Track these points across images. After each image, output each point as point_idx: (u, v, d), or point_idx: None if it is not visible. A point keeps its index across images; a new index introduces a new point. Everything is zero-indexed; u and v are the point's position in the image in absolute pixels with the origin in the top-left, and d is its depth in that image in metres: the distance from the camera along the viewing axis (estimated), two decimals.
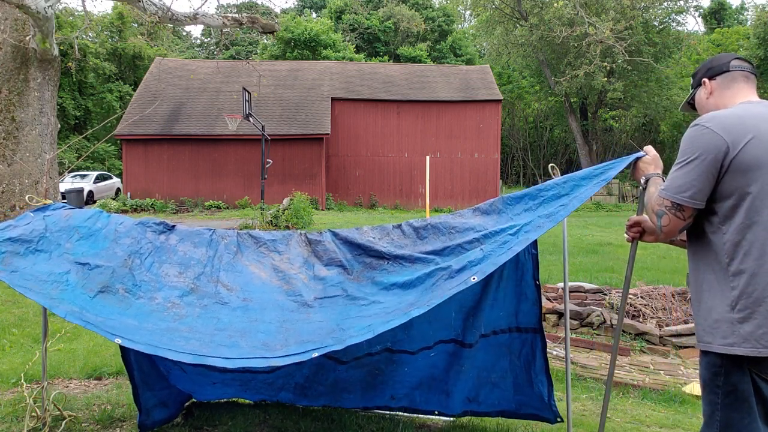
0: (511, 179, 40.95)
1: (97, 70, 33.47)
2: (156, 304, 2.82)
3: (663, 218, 2.00)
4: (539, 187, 2.74)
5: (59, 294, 2.67)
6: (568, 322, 3.16)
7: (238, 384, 3.69)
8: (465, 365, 3.40)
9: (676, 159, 2.01)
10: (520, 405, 3.34)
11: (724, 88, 2.14)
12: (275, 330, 2.73)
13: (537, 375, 3.14)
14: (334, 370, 3.53)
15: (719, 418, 1.95)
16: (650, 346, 5.29)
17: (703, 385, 2.02)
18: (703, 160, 1.92)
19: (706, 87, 2.18)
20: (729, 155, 1.90)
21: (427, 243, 2.99)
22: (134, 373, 3.33)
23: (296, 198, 16.12)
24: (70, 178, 23.52)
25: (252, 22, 13.43)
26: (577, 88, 31.14)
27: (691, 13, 51.73)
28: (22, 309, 6.44)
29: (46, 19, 9.73)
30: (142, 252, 3.02)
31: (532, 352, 3.16)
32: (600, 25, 26.96)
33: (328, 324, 2.72)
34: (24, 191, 9.68)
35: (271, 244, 3.23)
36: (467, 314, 3.31)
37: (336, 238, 3.16)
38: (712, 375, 1.96)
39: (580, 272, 8.80)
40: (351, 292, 2.94)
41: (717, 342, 1.93)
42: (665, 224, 2.01)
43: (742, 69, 2.13)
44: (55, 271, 2.78)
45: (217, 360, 2.43)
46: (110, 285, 2.81)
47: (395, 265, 2.95)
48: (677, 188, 1.96)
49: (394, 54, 42.49)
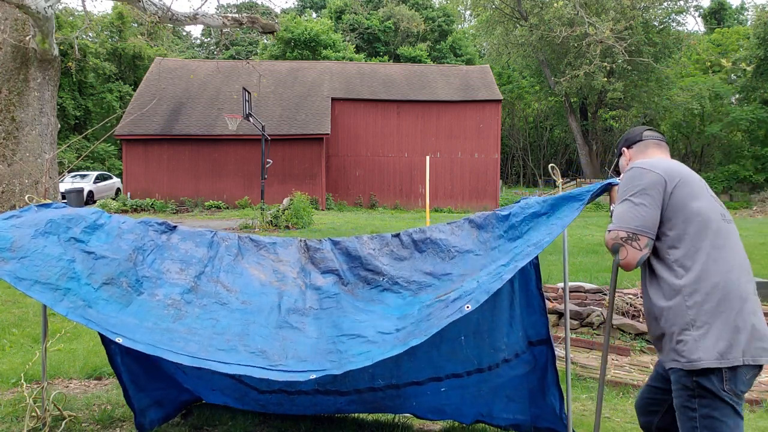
0: (511, 179, 40.95)
1: (97, 70, 33.47)
2: (156, 301, 2.82)
3: (621, 251, 2.13)
4: (522, 205, 2.84)
5: (64, 283, 2.66)
6: (568, 322, 3.15)
7: (235, 398, 3.64)
8: (483, 389, 3.27)
9: (619, 196, 2.21)
10: (536, 418, 3.25)
11: (640, 153, 2.43)
12: (272, 336, 2.75)
13: (549, 387, 3.07)
14: (334, 403, 3.46)
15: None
16: (650, 346, 5.29)
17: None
18: (649, 195, 2.12)
19: (625, 155, 2.49)
20: (667, 189, 2.12)
21: (425, 259, 3.04)
22: (122, 375, 3.34)
23: (296, 198, 16.12)
24: (70, 178, 23.51)
25: (252, 22, 13.43)
26: (577, 88, 31.16)
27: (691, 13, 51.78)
28: (22, 309, 6.44)
29: (46, 19, 9.73)
30: (145, 248, 3.03)
31: (545, 365, 3.08)
32: (600, 25, 26.96)
33: (324, 342, 2.74)
34: (24, 191, 9.68)
35: (271, 248, 3.24)
36: (482, 337, 3.16)
37: (335, 247, 3.21)
38: None
39: (580, 272, 8.79)
40: (346, 306, 2.97)
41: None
42: (623, 257, 2.13)
43: (654, 138, 2.44)
44: (63, 257, 2.77)
45: (215, 364, 2.43)
46: (115, 278, 2.82)
47: (392, 284, 3.01)
48: (628, 220, 2.12)
49: (394, 54, 42.49)
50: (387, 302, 2.93)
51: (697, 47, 36.98)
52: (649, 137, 2.43)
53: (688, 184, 2.15)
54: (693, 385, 2.03)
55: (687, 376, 2.04)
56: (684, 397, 2.07)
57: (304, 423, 3.54)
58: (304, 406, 3.48)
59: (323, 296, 3.03)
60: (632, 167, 2.21)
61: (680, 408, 2.10)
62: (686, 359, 2.03)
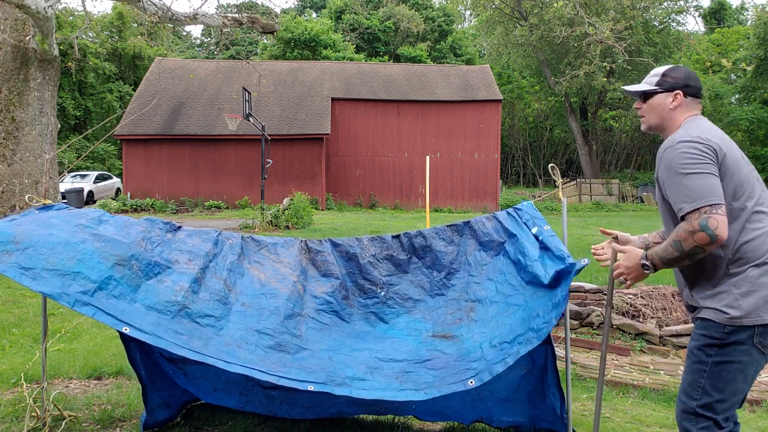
0: (511, 179, 40.96)
1: (97, 70, 33.46)
2: (165, 287, 2.81)
3: (710, 222, 2.04)
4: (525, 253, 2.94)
5: (74, 266, 2.60)
6: (568, 322, 3.15)
7: (239, 393, 3.65)
8: (483, 392, 3.25)
9: (674, 176, 2.12)
10: (534, 419, 3.24)
11: (689, 109, 2.32)
12: (269, 344, 2.79)
13: (549, 387, 3.05)
14: (334, 404, 3.46)
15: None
16: (650, 346, 5.29)
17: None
18: (707, 165, 2.08)
19: (676, 98, 2.31)
20: (719, 158, 2.12)
21: (422, 270, 3.14)
22: (141, 372, 3.34)
23: (296, 198, 16.12)
24: (70, 178, 23.51)
25: (252, 22, 13.43)
26: (577, 88, 31.16)
27: (691, 13, 51.79)
28: (22, 309, 6.44)
29: (46, 19, 9.73)
30: (153, 240, 3.04)
31: (545, 365, 3.07)
32: (600, 25, 26.95)
33: (320, 355, 2.78)
34: (24, 191, 9.68)
35: (273, 248, 3.26)
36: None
37: (335, 250, 3.24)
38: None
39: (580, 272, 8.80)
40: (344, 317, 3.05)
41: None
42: (715, 227, 2.04)
43: (700, 97, 2.37)
44: (71, 241, 2.72)
45: (217, 362, 2.44)
46: (126, 260, 2.79)
47: (387, 299, 3.12)
48: (704, 192, 2.07)
49: (394, 54, 42.49)
50: (384, 320, 3.02)
51: (697, 47, 36.98)
52: (702, 96, 2.37)
53: (733, 152, 2.19)
54: (722, 337, 2.12)
55: (719, 327, 2.12)
56: (702, 342, 2.17)
57: (304, 424, 3.54)
58: (304, 407, 3.48)
59: (322, 307, 3.08)
60: (685, 140, 2.14)
61: (694, 350, 2.20)
62: (727, 314, 2.10)
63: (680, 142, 2.13)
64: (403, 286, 3.13)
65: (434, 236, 3.22)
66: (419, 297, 3.09)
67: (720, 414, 2.15)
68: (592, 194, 30.30)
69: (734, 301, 2.10)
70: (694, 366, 2.19)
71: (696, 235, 2.05)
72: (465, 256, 3.14)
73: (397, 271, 3.20)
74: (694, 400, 2.16)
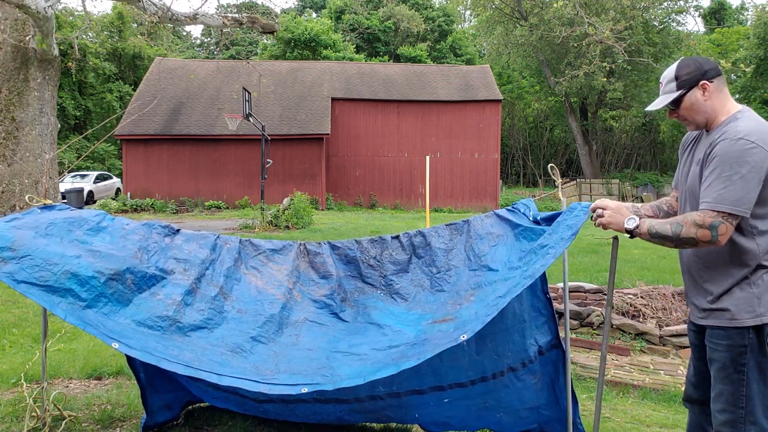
0: (511, 179, 40.95)
1: (97, 70, 33.47)
2: (157, 300, 2.83)
3: (720, 227, 2.08)
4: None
5: (66, 283, 2.63)
6: (568, 322, 3.15)
7: (236, 404, 3.64)
8: (489, 401, 3.18)
9: (720, 170, 2.09)
10: (544, 423, 3.18)
11: (719, 91, 2.23)
12: (265, 350, 2.78)
13: (561, 392, 3.00)
14: (334, 412, 3.43)
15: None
16: (650, 346, 5.29)
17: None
18: (755, 174, 2.05)
19: (707, 89, 2.22)
20: None
21: (422, 269, 3.13)
22: (140, 375, 3.34)
23: (296, 198, 16.12)
24: (70, 178, 23.52)
25: (252, 22, 13.43)
26: (577, 88, 31.16)
27: (691, 13, 51.78)
28: (22, 309, 6.44)
29: (46, 19, 9.73)
30: (150, 249, 3.05)
31: (555, 370, 3.03)
32: (600, 25, 26.95)
33: (317, 356, 2.76)
34: (24, 191, 9.68)
35: (270, 254, 3.26)
36: (485, 343, 3.07)
37: (333, 252, 3.24)
38: None
39: (580, 272, 8.79)
40: (342, 317, 3.03)
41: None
42: (722, 233, 2.08)
43: (722, 73, 2.26)
44: (67, 254, 2.76)
45: (209, 375, 2.43)
46: (121, 273, 2.82)
47: (389, 300, 3.09)
48: (735, 201, 2.06)
49: (394, 54, 42.49)
50: (382, 321, 2.99)
51: (697, 47, 36.96)
52: (721, 71, 2.25)
53: None
54: (748, 341, 2.12)
55: (741, 333, 2.13)
56: (733, 353, 2.15)
57: (305, 425, 3.54)
58: (304, 414, 3.47)
59: (320, 310, 3.07)
60: (740, 138, 2.07)
61: (728, 363, 2.16)
62: (750, 315, 2.11)
63: (741, 139, 2.08)
64: (404, 286, 3.13)
65: (434, 235, 3.22)
66: (420, 295, 3.08)
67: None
68: (592, 194, 30.29)
69: (756, 303, 2.12)
70: (732, 377, 2.16)
71: (701, 230, 2.08)
72: (465, 252, 3.12)
73: (398, 271, 3.20)
74: (741, 408, 2.15)
